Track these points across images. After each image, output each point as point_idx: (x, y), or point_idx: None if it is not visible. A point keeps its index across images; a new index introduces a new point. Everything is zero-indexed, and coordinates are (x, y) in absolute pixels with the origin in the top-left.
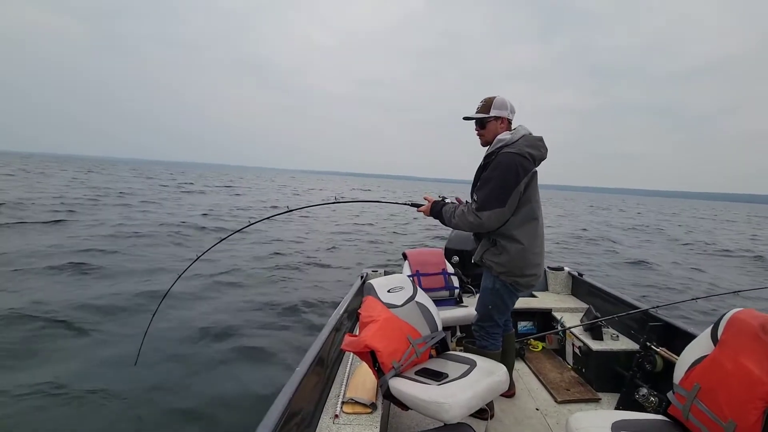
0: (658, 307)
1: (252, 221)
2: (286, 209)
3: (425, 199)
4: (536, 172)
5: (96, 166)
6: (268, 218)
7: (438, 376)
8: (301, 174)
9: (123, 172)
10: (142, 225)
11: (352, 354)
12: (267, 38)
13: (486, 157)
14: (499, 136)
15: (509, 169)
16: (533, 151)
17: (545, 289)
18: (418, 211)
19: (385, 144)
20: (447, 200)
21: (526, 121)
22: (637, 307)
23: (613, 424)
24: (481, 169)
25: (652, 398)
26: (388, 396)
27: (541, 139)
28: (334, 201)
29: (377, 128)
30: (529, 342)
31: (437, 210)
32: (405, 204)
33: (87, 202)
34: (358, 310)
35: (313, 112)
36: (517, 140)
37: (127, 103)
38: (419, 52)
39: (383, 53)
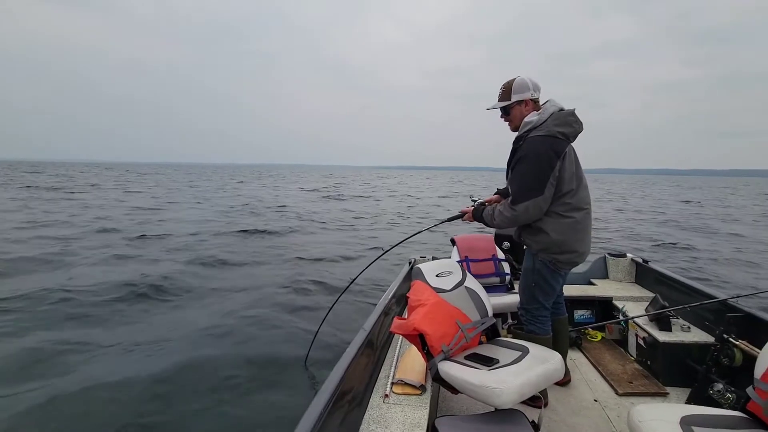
0: (738, 296)
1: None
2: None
3: (462, 211)
4: (572, 147)
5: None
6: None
7: (489, 362)
8: (370, 170)
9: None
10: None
11: (401, 337)
12: (339, 44)
13: (515, 142)
14: (525, 119)
15: (539, 155)
16: (564, 129)
17: (605, 276)
18: (463, 220)
19: (460, 135)
20: (477, 201)
21: (617, 99)
22: (712, 297)
23: (682, 418)
24: (512, 154)
25: (728, 394)
26: (438, 379)
27: (572, 114)
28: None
29: (451, 120)
30: (586, 331)
31: (479, 215)
32: (450, 219)
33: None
34: (407, 294)
35: (388, 108)
36: (546, 120)
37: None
38: (493, 36)
39: (455, 43)
